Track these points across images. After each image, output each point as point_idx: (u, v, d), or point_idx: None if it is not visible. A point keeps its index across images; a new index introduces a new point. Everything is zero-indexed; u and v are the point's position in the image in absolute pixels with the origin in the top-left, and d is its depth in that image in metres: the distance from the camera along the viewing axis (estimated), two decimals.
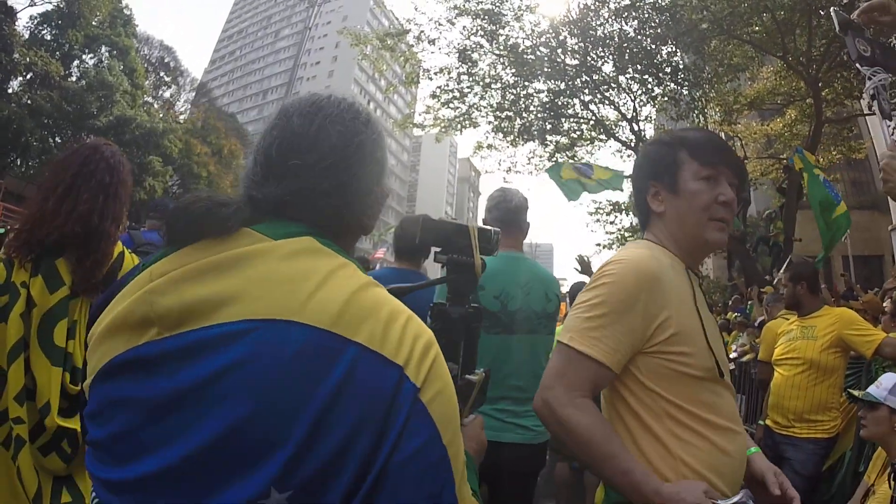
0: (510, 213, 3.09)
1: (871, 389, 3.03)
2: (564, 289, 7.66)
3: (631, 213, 19.83)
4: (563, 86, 14.72)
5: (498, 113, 15.73)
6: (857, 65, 2.20)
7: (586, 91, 15.02)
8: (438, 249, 1.36)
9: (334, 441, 0.78)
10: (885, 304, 7.20)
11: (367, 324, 0.84)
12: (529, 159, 16.95)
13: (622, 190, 10.26)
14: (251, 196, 0.98)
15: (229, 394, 0.79)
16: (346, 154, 1.00)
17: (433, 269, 1.93)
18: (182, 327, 0.83)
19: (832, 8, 2.48)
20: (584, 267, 5.92)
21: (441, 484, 0.82)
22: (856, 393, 3.21)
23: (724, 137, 12.35)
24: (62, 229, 2.09)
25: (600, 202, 19.33)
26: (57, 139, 35.56)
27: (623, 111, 15.45)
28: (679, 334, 1.56)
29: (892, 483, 2.65)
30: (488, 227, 1.37)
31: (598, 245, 19.91)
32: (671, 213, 1.72)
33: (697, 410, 1.54)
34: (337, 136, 1.00)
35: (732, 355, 7.99)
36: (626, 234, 19.82)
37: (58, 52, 36.47)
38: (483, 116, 16.09)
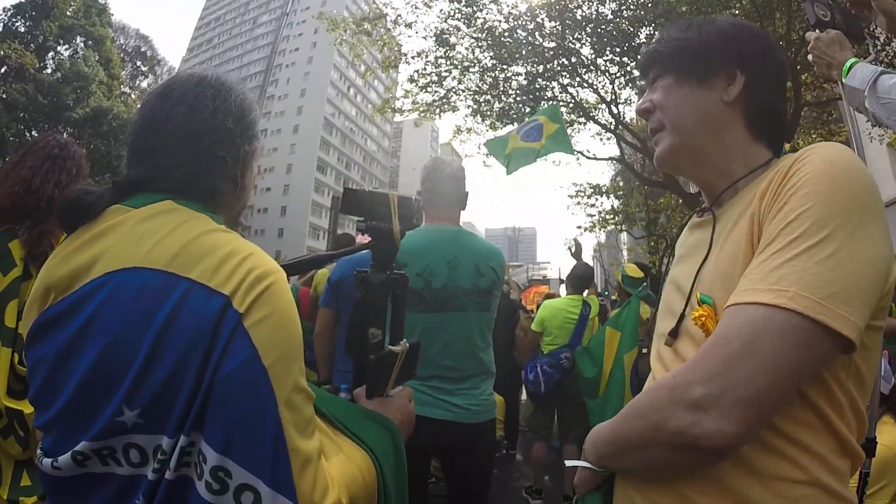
0: (442, 184, 2.94)
1: None
2: (551, 273, 7.59)
3: (612, 195, 19.86)
4: (541, 68, 14.63)
5: (476, 96, 15.61)
6: (816, 30, 2.20)
7: (565, 74, 14.94)
8: (360, 218, 1.42)
9: (168, 362, 0.93)
10: None
11: (202, 262, 0.99)
12: None
13: (573, 153, 9.96)
14: (114, 181, 1.16)
15: (95, 332, 0.97)
16: (192, 130, 1.16)
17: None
18: (69, 290, 1.03)
19: None
20: (577, 251, 5.90)
21: (262, 399, 0.93)
22: None
23: None
24: (5, 195, 2.19)
25: (581, 185, 19.37)
26: (33, 133, 35.37)
27: (602, 94, 15.34)
28: None
29: None
30: (409, 196, 1.45)
31: (579, 228, 19.89)
32: None
33: None
34: (183, 116, 1.16)
35: None
36: (608, 217, 19.86)
37: (32, 45, 36.29)
38: (462, 100, 15.98)
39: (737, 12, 12.94)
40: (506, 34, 14.34)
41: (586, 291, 5.56)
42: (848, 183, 0.98)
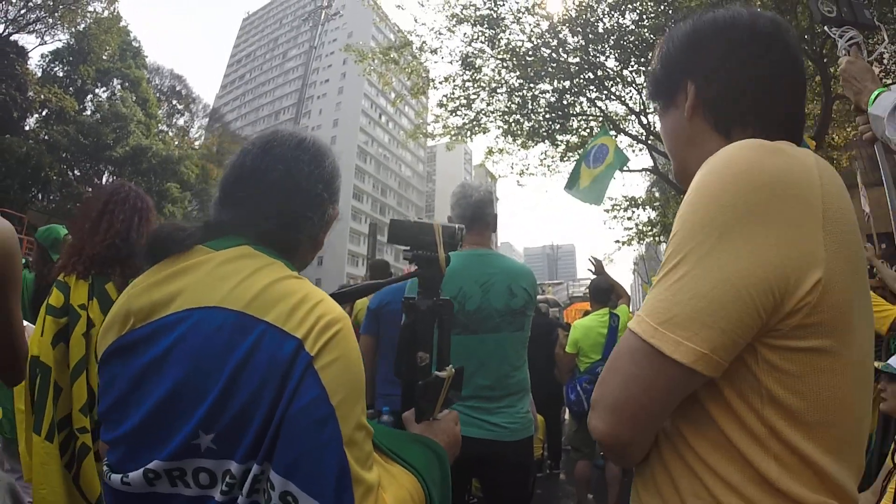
0: (471, 209, 3.00)
1: (893, 360, 2.96)
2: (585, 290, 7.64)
3: (648, 207, 19.60)
4: (567, 84, 14.64)
5: (506, 117, 15.65)
6: (825, 27, 2.19)
7: (591, 88, 14.91)
8: (407, 248, 1.51)
9: (244, 395, 1.02)
10: None
11: (277, 307, 1.07)
12: (542, 160, 16.86)
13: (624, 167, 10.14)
14: (206, 221, 1.26)
15: (174, 361, 1.07)
16: (285, 188, 1.27)
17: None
18: (148, 319, 1.12)
19: None
20: (598, 268, 5.92)
21: (328, 434, 1.00)
22: (877, 364, 2.96)
23: None
24: (104, 244, 2.49)
25: (616, 198, 19.15)
26: (76, 172, 36.46)
27: (630, 105, 15.28)
28: None
29: (893, 459, 2.56)
30: (452, 224, 1.52)
31: (617, 242, 19.55)
32: None
33: None
34: (280, 174, 1.26)
35: None
36: (645, 229, 19.59)
37: (71, 88, 37.33)
38: (492, 121, 16.00)
39: (758, 4, 12.75)
40: (530, 53, 14.37)
41: (619, 302, 5.59)
42: (722, 191, 0.92)
